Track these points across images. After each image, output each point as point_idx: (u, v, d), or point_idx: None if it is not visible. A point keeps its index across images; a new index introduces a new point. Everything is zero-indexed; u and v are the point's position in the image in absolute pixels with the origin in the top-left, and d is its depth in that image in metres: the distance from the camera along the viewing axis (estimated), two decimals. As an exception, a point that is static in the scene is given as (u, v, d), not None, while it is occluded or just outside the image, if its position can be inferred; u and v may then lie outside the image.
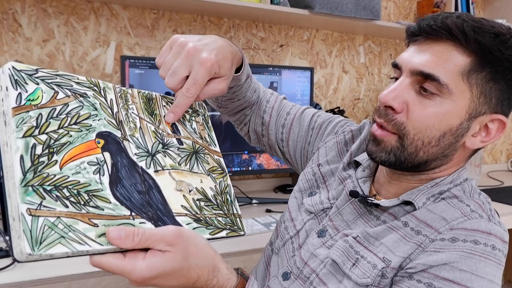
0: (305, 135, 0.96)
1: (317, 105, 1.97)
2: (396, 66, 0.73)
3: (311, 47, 2.05)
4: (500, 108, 0.70)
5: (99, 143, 0.56)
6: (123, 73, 1.50)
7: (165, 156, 0.63)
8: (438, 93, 0.67)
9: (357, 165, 0.85)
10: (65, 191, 0.51)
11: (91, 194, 0.53)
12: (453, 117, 0.68)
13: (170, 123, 0.66)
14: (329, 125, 0.94)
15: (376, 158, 0.73)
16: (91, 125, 0.56)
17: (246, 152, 1.73)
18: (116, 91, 0.62)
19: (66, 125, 0.54)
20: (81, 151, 0.54)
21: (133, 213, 0.55)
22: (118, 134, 0.59)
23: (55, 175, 0.51)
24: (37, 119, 0.52)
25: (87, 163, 0.54)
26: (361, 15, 1.78)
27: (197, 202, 0.63)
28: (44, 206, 0.48)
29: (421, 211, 0.70)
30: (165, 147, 0.64)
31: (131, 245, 0.52)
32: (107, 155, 0.56)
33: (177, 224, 0.59)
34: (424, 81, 0.68)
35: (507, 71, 0.68)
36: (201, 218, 0.62)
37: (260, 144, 1.02)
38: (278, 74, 1.75)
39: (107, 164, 0.56)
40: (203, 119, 0.72)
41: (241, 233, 0.66)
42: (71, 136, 0.54)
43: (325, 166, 0.90)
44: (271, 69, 1.74)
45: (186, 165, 0.65)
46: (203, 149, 0.69)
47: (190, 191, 0.63)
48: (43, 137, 0.51)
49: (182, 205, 0.61)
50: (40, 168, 0.50)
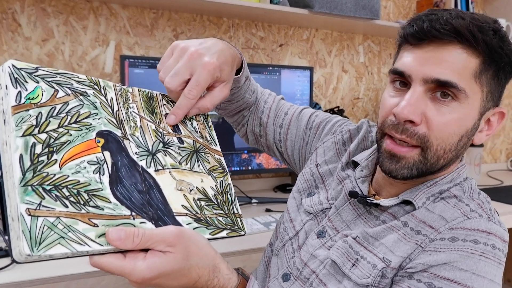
0: (303, 135, 0.95)
1: (316, 105, 1.97)
2: (401, 73, 0.69)
3: (310, 47, 2.05)
4: (499, 100, 0.72)
5: (99, 142, 0.56)
6: (122, 73, 1.50)
7: (166, 155, 0.63)
8: (454, 98, 0.66)
9: (355, 165, 0.85)
10: (64, 190, 0.50)
11: (91, 193, 0.52)
12: (469, 119, 0.68)
13: (171, 125, 0.66)
14: (327, 125, 0.94)
15: (397, 176, 0.70)
16: (91, 124, 0.56)
17: (245, 151, 1.73)
18: (116, 89, 0.62)
19: (66, 124, 0.53)
20: (81, 150, 0.54)
21: (133, 213, 0.55)
22: (118, 133, 0.58)
23: (54, 175, 0.50)
24: (37, 117, 0.51)
25: (87, 162, 0.53)
26: (361, 15, 1.78)
27: (198, 201, 0.62)
28: (43, 206, 0.48)
29: (420, 211, 0.70)
30: (166, 146, 0.63)
31: (131, 246, 0.51)
32: (107, 154, 0.56)
33: (178, 224, 0.59)
34: (438, 88, 0.66)
35: (506, 66, 0.69)
36: (202, 218, 0.62)
37: (258, 145, 1.02)
38: (277, 73, 1.75)
39: (107, 163, 0.55)
40: (203, 118, 0.72)
41: (242, 233, 0.65)
42: (71, 135, 0.53)
43: (323, 166, 0.89)
44: (271, 68, 1.74)
45: (186, 164, 0.64)
46: (204, 148, 0.68)
47: (190, 190, 0.62)
48: (43, 136, 0.51)
49: (182, 205, 0.60)
50: (39, 167, 0.49)
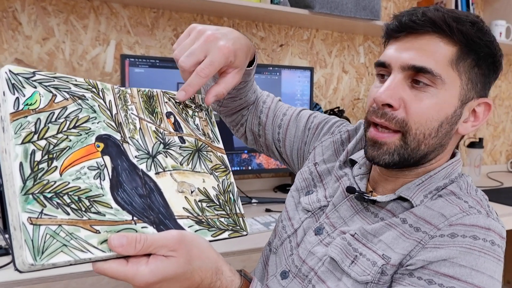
0: (301, 135, 0.96)
1: (316, 105, 1.97)
2: (382, 64, 0.73)
3: (311, 47, 2.05)
4: (483, 91, 0.74)
5: (98, 146, 0.55)
6: (123, 72, 1.49)
7: (167, 156, 0.62)
8: (431, 84, 0.69)
9: (352, 163, 0.86)
10: (65, 198, 0.50)
11: (92, 200, 0.52)
12: (448, 106, 0.70)
13: (181, 100, 0.66)
14: (325, 126, 0.95)
15: (379, 161, 0.73)
16: (90, 129, 0.55)
17: (245, 151, 1.73)
18: (114, 92, 0.61)
19: (65, 129, 0.53)
20: (81, 156, 0.53)
21: (134, 218, 0.54)
22: (117, 136, 0.58)
23: (55, 182, 0.50)
24: (36, 124, 0.51)
25: (87, 168, 0.53)
26: (361, 15, 1.78)
27: (199, 203, 0.62)
28: (45, 214, 0.47)
29: (419, 208, 0.71)
30: (167, 147, 0.63)
31: (133, 252, 0.52)
32: (107, 159, 0.55)
33: (179, 227, 0.58)
34: (415, 75, 0.69)
35: (487, 56, 0.71)
36: (203, 220, 0.61)
37: (256, 145, 1.02)
38: (278, 73, 1.75)
39: (107, 168, 0.55)
40: (206, 114, 0.71)
41: (244, 233, 0.65)
42: (70, 140, 0.53)
43: (321, 165, 0.90)
44: (271, 68, 1.74)
45: (188, 164, 0.64)
46: (206, 146, 0.68)
47: (192, 192, 0.62)
48: (42, 143, 0.50)
49: (184, 207, 0.60)
50: (40, 175, 0.49)
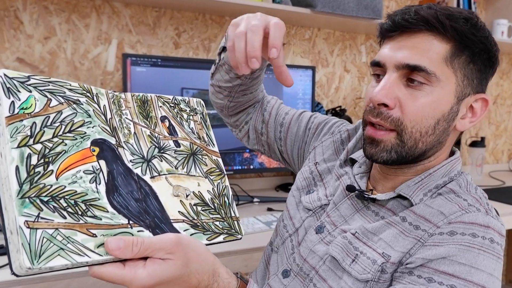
0: (302, 134, 0.98)
1: (318, 104, 1.96)
2: (377, 64, 0.74)
3: (312, 46, 2.05)
4: (480, 87, 0.74)
5: (94, 151, 0.55)
6: (124, 71, 1.49)
7: (162, 160, 0.62)
8: (426, 82, 0.69)
9: (353, 162, 0.86)
10: (62, 201, 0.50)
11: (88, 203, 0.52)
12: (444, 103, 0.70)
13: (275, 57, 0.70)
14: (325, 126, 0.96)
15: (377, 159, 0.73)
16: (85, 133, 0.55)
17: (247, 150, 1.73)
18: (108, 96, 0.61)
19: (60, 133, 0.53)
20: (77, 160, 0.53)
21: (130, 222, 0.55)
22: (112, 141, 0.58)
23: (51, 186, 0.50)
24: (31, 128, 0.50)
25: (83, 172, 0.53)
26: (363, 14, 1.78)
27: (194, 207, 0.62)
28: (41, 218, 0.47)
29: (419, 206, 0.71)
30: (161, 151, 0.63)
31: (130, 255, 0.52)
32: (103, 163, 0.55)
33: (175, 230, 0.58)
34: (410, 73, 0.70)
35: (482, 52, 0.71)
36: (198, 223, 0.61)
37: (258, 144, 1.03)
38: (279, 72, 1.74)
39: (103, 172, 0.55)
40: (201, 117, 0.71)
41: (239, 236, 0.65)
42: (66, 144, 0.53)
43: (322, 164, 0.91)
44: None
45: (183, 168, 0.64)
46: (201, 150, 0.68)
47: (187, 196, 0.62)
48: (38, 147, 0.50)
49: (179, 211, 0.60)
50: (36, 178, 0.49)
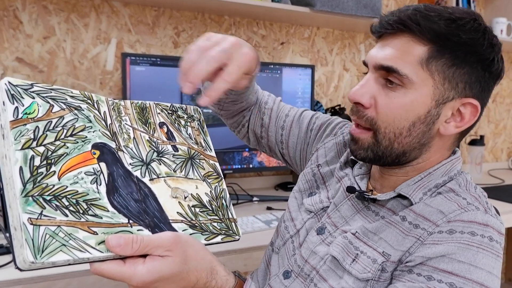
0: (304, 136, 0.97)
1: (318, 103, 1.97)
2: (364, 63, 0.76)
3: (312, 45, 2.05)
4: (470, 91, 0.71)
5: (94, 154, 0.57)
6: (124, 70, 1.50)
7: (160, 164, 0.64)
8: (401, 84, 0.69)
9: (354, 163, 0.86)
10: (64, 200, 0.52)
11: (89, 203, 0.54)
12: (419, 106, 0.70)
13: (202, 105, 0.67)
14: (328, 127, 0.95)
15: (356, 156, 0.76)
16: (86, 137, 0.57)
17: (247, 149, 1.73)
18: (109, 104, 0.63)
19: (62, 137, 0.55)
20: (78, 162, 0.55)
21: (130, 221, 0.56)
22: (112, 145, 0.60)
23: (54, 185, 0.52)
24: (34, 131, 0.53)
25: (84, 173, 0.55)
26: (362, 13, 1.78)
27: (192, 208, 0.64)
28: (44, 215, 0.49)
29: (418, 205, 0.71)
30: (160, 155, 0.65)
31: (130, 252, 0.52)
32: (103, 165, 0.57)
33: (174, 230, 0.60)
34: (388, 75, 0.70)
35: (468, 55, 0.69)
36: (197, 224, 0.63)
37: (259, 146, 1.03)
38: (279, 72, 1.75)
39: (103, 174, 0.57)
40: (198, 124, 0.73)
41: (236, 237, 0.67)
42: (67, 147, 0.55)
43: (324, 167, 0.90)
44: (272, 67, 1.74)
45: (181, 171, 0.66)
46: (199, 154, 0.70)
47: (185, 197, 0.64)
48: (41, 149, 0.53)
49: (178, 212, 0.62)
50: (39, 178, 0.51)
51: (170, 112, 0.70)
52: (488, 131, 2.65)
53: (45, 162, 0.52)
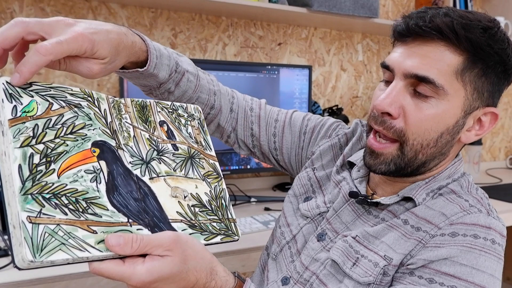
0: (297, 140, 0.95)
1: (315, 103, 1.97)
2: (387, 67, 0.71)
3: (309, 45, 2.05)
4: (491, 100, 0.71)
5: (94, 152, 0.57)
6: (121, 72, 1.49)
7: (160, 162, 0.64)
8: (433, 95, 0.67)
9: (351, 165, 0.85)
10: (63, 199, 0.51)
11: (89, 201, 0.53)
12: (449, 117, 0.68)
13: (16, 85, 0.55)
14: (321, 129, 0.93)
15: (376, 170, 0.73)
16: (86, 135, 0.57)
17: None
18: (109, 101, 0.62)
19: (62, 134, 0.55)
20: (78, 160, 0.55)
21: (130, 220, 0.56)
22: (112, 143, 0.60)
23: (53, 183, 0.51)
24: (34, 129, 0.53)
25: (84, 171, 0.55)
26: (359, 13, 1.78)
27: (192, 208, 0.64)
28: (43, 213, 0.49)
29: (420, 208, 0.70)
30: (160, 154, 0.64)
31: (130, 251, 0.52)
32: (103, 163, 0.57)
33: (173, 230, 0.60)
34: (418, 83, 0.67)
35: (497, 65, 0.68)
36: (196, 224, 0.63)
37: (252, 154, 0.99)
38: (276, 72, 1.75)
39: (103, 172, 0.57)
40: (198, 123, 0.73)
41: (235, 237, 0.66)
42: (67, 145, 0.55)
43: (320, 170, 0.89)
44: (269, 67, 1.74)
45: (181, 170, 0.65)
46: (199, 153, 0.69)
47: (185, 197, 0.64)
48: (40, 147, 0.52)
49: (177, 212, 0.62)
50: (38, 176, 0.51)
51: (170, 110, 0.70)
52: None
53: (44, 160, 0.52)
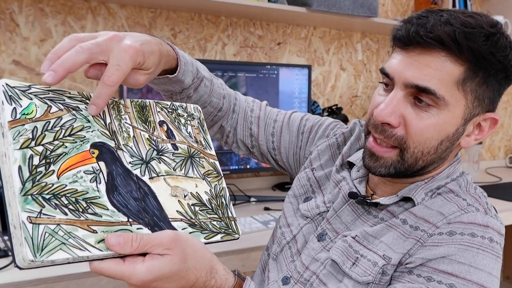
0: (295, 140, 0.95)
1: (315, 103, 1.97)
2: (387, 75, 0.71)
3: (308, 45, 2.05)
4: (491, 106, 0.71)
5: (93, 153, 0.57)
6: (120, 72, 1.49)
7: (160, 162, 0.64)
8: (434, 104, 0.67)
9: (350, 165, 0.85)
10: (63, 199, 0.52)
11: (89, 201, 0.54)
12: (450, 126, 0.69)
13: (93, 115, 0.59)
14: (319, 128, 0.94)
15: (375, 173, 0.73)
16: (85, 137, 0.58)
17: (244, 150, 1.73)
18: (108, 102, 0.63)
19: (61, 136, 0.56)
20: (77, 161, 0.56)
21: (130, 219, 0.57)
22: (111, 144, 0.60)
23: (53, 184, 0.52)
24: (33, 131, 0.53)
25: (84, 172, 0.55)
26: (359, 13, 1.79)
27: (192, 207, 0.64)
28: (44, 214, 0.50)
29: (419, 208, 0.71)
30: (160, 154, 0.65)
31: (130, 250, 0.52)
32: (102, 164, 0.58)
33: (173, 229, 0.60)
34: (418, 93, 0.67)
35: (499, 72, 0.67)
36: (196, 223, 0.63)
37: (251, 154, 0.99)
38: (275, 72, 1.75)
39: (102, 172, 0.57)
40: (198, 122, 0.73)
41: (236, 236, 0.67)
42: (66, 147, 0.55)
43: (319, 170, 0.89)
44: (269, 67, 1.74)
45: (181, 170, 0.66)
46: (199, 153, 0.70)
47: (185, 196, 0.64)
48: (40, 149, 0.53)
49: (177, 211, 0.62)
50: (38, 177, 0.51)
51: (170, 110, 0.70)
52: (485, 129, 2.65)
53: (44, 161, 0.53)
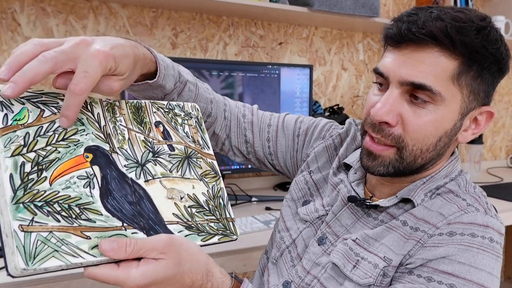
0: (291, 144, 0.94)
1: (316, 103, 1.97)
2: (381, 74, 0.70)
3: (310, 45, 2.05)
4: (487, 99, 0.71)
5: (87, 157, 0.57)
6: (122, 72, 1.49)
7: (156, 164, 0.63)
8: (431, 101, 0.67)
9: (347, 167, 0.85)
10: (56, 206, 0.51)
11: (82, 207, 0.53)
12: (447, 121, 0.68)
13: (66, 127, 0.56)
14: (315, 130, 0.93)
15: (374, 172, 0.72)
16: (78, 140, 0.57)
17: (245, 150, 1.73)
18: (103, 104, 0.62)
19: (53, 141, 0.55)
20: (70, 166, 0.55)
21: (124, 224, 0.56)
22: (106, 147, 0.59)
23: (45, 191, 0.51)
24: (25, 138, 0.52)
25: (77, 177, 0.55)
26: (360, 12, 1.78)
27: (189, 209, 0.63)
28: (36, 221, 0.49)
29: (418, 209, 0.71)
30: (156, 155, 0.64)
31: (124, 255, 0.52)
32: (96, 168, 0.57)
33: (169, 232, 0.59)
34: (414, 90, 0.67)
35: (492, 65, 0.67)
36: (193, 225, 0.62)
37: (247, 161, 0.98)
38: (277, 72, 1.75)
39: (96, 177, 0.56)
40: (196, 121, 0.72)
41: (234, 237, 0.66)
42: (59, 152, 0.54)
43: (316, 173, 0.89)
44: (270, 67, 1.74)
45: (177, 171, 0.65)
46: (196, 153, 0.68)
47: (181, 198, 0.63)
48: (32, 155, 0.52)
49: (173, 213, 0.61)
50: (30, 185, 0.51)
51: (166, 110, 0.69)
52: (486, 129, 2.65)
53: (36, 168, 0.52)
